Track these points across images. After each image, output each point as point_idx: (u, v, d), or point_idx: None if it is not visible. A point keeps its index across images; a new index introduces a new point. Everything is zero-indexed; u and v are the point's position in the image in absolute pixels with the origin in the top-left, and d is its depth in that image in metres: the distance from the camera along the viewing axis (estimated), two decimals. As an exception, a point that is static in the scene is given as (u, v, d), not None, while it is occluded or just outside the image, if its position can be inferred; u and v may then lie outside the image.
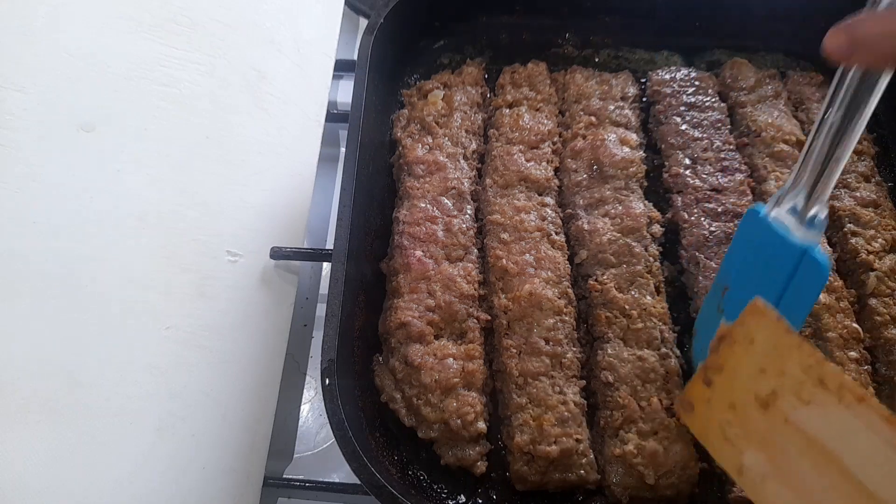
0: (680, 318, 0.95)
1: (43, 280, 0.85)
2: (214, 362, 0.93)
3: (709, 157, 1.04)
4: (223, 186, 1.03)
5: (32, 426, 0.79)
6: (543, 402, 0.85)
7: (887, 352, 0.88)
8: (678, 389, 0.86)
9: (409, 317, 0.89)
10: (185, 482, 0.86)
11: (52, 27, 0.95)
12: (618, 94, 1.12)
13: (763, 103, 1.10)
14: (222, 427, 0.91)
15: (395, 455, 0.86)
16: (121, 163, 0.95)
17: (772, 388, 0.55)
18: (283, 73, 1.15)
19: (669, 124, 1.09)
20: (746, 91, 1.12)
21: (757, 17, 1.19)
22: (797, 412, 0.54)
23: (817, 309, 0.89)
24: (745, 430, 0.59)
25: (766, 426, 0.56)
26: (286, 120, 1.13)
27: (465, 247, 0.97)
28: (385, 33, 1.04)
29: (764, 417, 0.56)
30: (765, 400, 0.56)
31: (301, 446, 1.03)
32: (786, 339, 0.54)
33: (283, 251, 1.02)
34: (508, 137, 1.08)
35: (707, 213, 0.99)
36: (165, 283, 0.92)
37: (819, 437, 0.52)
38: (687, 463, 0.81)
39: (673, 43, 1.21)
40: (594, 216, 0.99)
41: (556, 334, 0.89)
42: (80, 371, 0.83)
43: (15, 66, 0.91)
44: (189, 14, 1.08)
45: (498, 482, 0.86)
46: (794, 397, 0.53)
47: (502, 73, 1.17)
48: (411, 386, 0.86)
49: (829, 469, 0.52)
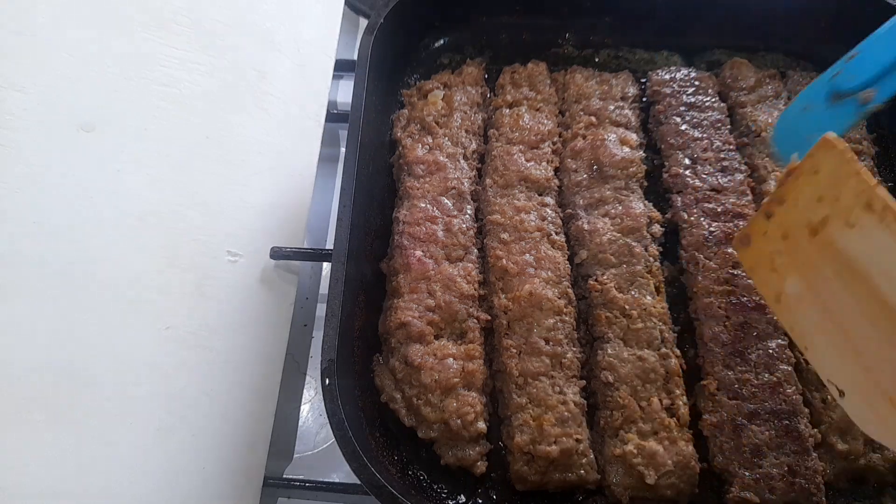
0: (680, 319, 0.95)
1: (43, 280, 0.85)
2: (214, 362, 0.93)
3: (709, 157, 1.04)
4: (223, 186, 1.03)
5: (33, 426, 0.79)
6: (543, 402, 0.85)
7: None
8: (678, 389, 0.86)
9: (409, 317, 0.89)
10: (185, 482, 0.86)
11: (52, 27, 0.95)
12: (618, 94, 1.12)
13: (763, 103, 1.10)
14: (222, 427, 0.91)
15: (395, 455, 0.86)
16: (121, 163, 0.95)
17: (824, 215, 0.62)
18: (283, 73, 1.15)
19: (669, 124, 1.09)
20: (746, 91, 1.12)
21: (757, 17, 1.19)
22: (842, 235, 0.60)
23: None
24: (792, 258, 0.66)
25: (811, 251, 0.64)
26: (286, 120, 1.13)
27: (465, 247, 0.97)
28: (385, 33, 1.04)
29: (811, 243, 0.64)
30: (815, 227, 0.63)
31: (301, 446, 1.03)
32: (847, 167, 0.61)
33: (283, 251, 1.02)
34: (508, 137, 1.08)
35: (707, 213, 0.99)
36: (165, 283, 0.92)
37: (857, 257, 0.59)
38: (687, 463, 0.81)
39: (673, 43, 1.21)
40: (594, 216, 0.99)
41: (556, 334, 0.89)
42: (80, 371, 0.83)
43: (15, 66, 0.91)
44: (189, 14, 1.08)
45: (498, 482, 0.86)
46: (842, 221, 0.60)
47: (502, 73, 1.17)
48: (411, 386, 0.86)
49: (859, 288, 0.59)
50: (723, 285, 0.93)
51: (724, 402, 0.85)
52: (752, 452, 0.82)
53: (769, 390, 0.85)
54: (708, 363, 0.89)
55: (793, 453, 0.82)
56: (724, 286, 0.93)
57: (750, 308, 0.91)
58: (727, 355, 0.88)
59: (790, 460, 0.81)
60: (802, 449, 0.82)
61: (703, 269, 0.95)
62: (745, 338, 0.89)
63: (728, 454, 0.83)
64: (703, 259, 0.95)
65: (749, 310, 0.91)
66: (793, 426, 0.83)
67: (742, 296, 0.92)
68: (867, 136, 1.09)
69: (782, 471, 0.81)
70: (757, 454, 0.82)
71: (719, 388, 0.86)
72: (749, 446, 0.82)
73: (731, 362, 0.88)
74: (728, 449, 0.83)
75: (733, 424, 0.84)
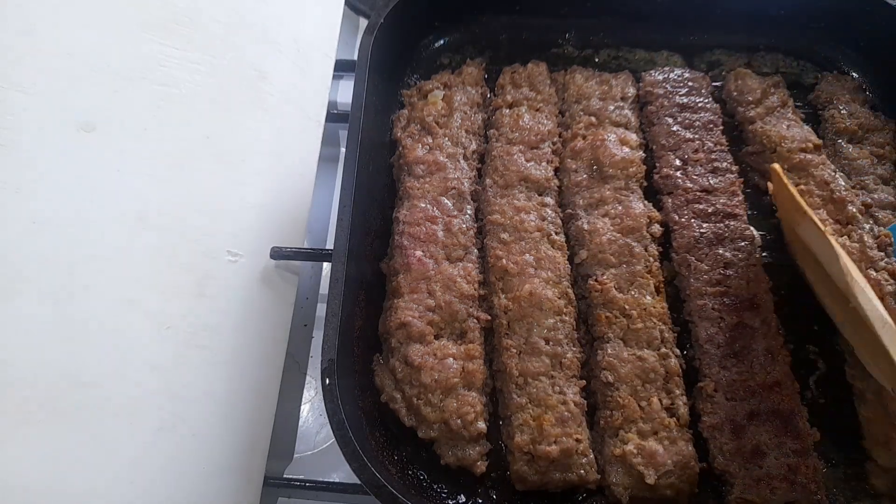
0: (680, 319, 0.95)
1: (43, 280, 0.85)
2: (214, 362, 0.93)
3: (700, 159, 1.04)
4: (223, 186, 1.03)
5: (32, 426, 0.79)
6: (543, 402, 0.85)
7: None
8: (678, 389, 0.86)
9: (409, 317, 0.89)
10: (186, 482, 0.86)
11: (52, 27, 0.95)
12: (618, 95, 1.12)
13: (771, 115, 1.09)
14: (222, 427, 0.91)
15: (395, 455, 0.86)
16: (121, 163, 0.95)
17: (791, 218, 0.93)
18: (283, 73, 1.15)
19: (661, 125, 1.08)
20: (753, 104, 1.11)
21: (757, 17, 1.19)
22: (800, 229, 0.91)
23: None
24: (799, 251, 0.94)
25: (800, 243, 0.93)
26: (286, 120, 1.13)
27: (465, 247, 0.97)
28: (385, 33, 1.04)
29: (797, 237, 0.93)
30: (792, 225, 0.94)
31: (301, 446, 1.03)
32: (786, 189, 0.91)
33: (284, 251, 1.02)
34: (508, 137, 1.08)
35: (697, 214, 0.99)
36: (165, 283, 0.92)
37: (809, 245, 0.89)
38: (687, 463, 0.81)
39: (673, 43, 1.21)
40: (594, 216, 0.99)
41: (556, 334, 0.89)
42: (80, 371, 0.83)
43: (15, 66, 0.91)
44: (189, 14, 1.08)
45: (498, 482, 0.86)
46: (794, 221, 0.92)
47: (502, 74, 1.17)
48: (411, 386, 0.86)
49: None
50: (716, 286, 0.93)
51: (722, 403, 0.85)
52: (752, 453, 0.82)
53: (767, 390, 0.85)
54: (705, 365, 0.89)
55: (793, 453, 0.82)
56: (717, 287, 0.93)
57: (744, 308, 0.91)
58: (723, 356, 0.88)
59: (790, 460, 0.81)
60: (802, 448, 0.82)
61: (694, 270, 0.95)
62: (741, 338, 0.89)
63: (728, 455, 0.83)
64: (694, 261, 0.95)
65: (743, 310, 0.91)
66: (792, 425, 0.83)
67: (735, 296, 0.92)
68: (889, 141, 1.07)
69: (783, 471, 0.81)
70: (757, 454, 0.82)
71: (717, 389, 0.86)
72: (749, 447, 0.82)
73: (728, 363, 0.88)
74: (728, 450, 0.83)
75: (732, 425, 0.84)
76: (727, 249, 0.95)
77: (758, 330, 0.89)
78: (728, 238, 0.97)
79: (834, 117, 1.10)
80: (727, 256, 0.95)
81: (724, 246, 0.96)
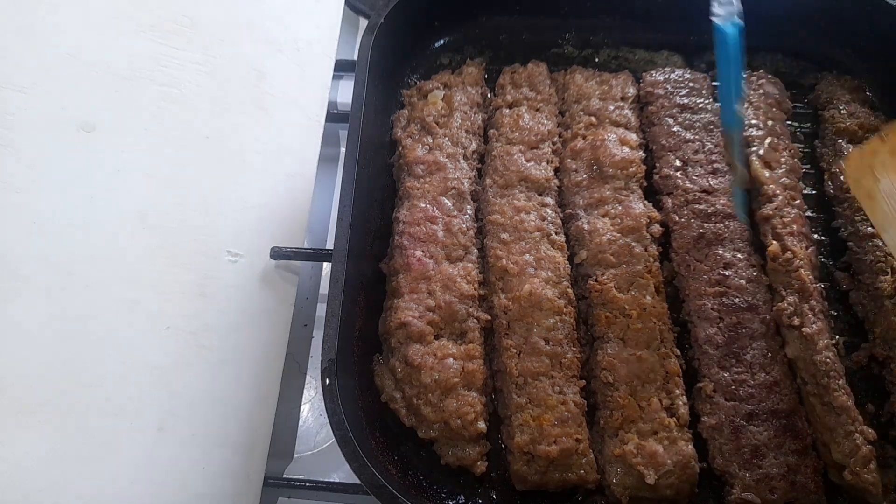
0: (679, 319, 0.95)
1: (43, 280, 0.85)
2: (214, 362, 0.93)
3: (700, 159, 1.04)
4: (223, 186, 1.03)
5: (33, 426, 0.79)
6: (543, 402, 0.85)
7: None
8: (678, 389, 0.86)
9: (409, 317, 0.89)
10: (186, 482, 0.86)
11: (52, 27, 0.95)
12: (618, 95, 1.12)
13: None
14: (222, 427, 0.91)
15: (395, 455, 0.86)
16: (121, 163, 0.95)
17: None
18: (283, 73, 1.15)
19: (661, 126, 1.08)
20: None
21: (757, 17, 1.19)
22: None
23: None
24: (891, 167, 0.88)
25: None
26: (286, 120, 1.13)
27: (465, 247, 0.97)
28: (385, 33, 1.04)
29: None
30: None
31: (301, 446, 1.03)
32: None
33: (284, 251, 1.02)
34: (508, 137, 1.08)
35: (697, 214, 0.99)
36: (165, 283, 0.92)
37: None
38: (687, 463, 0.81)
39: (673, 43, 1.21)
40: (594, 216, 0.99)
41: (556, 334, 0.89)
42: (80, 371, 0.83)
43: (15, 66, 0.91)
44: (189, 14, 1.08)
45: (498, 482, 0.86)
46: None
47: (502, 74, 1.17)
48: (411, 386, 0.86)
49: None
50: (714, 286, 0.93)
51: (721, 403, 0.85)
52: (751, 453, 0.82)
53: (766, 390, 0.85)
54: (703, 365, 0.89)
55: (792, 453, 0.82)
56: (716, 287, 0.93)
57: (743, 308, 0.91)
58: (722, 357, 0.88)
59: (790, 460, 0.81)
60: (802, 448, 0.82)
61: (693, 270, 0.95)
62: (740, 338, 0.89)
63: (728, 456, 0.83)
64: (693, 261, 0.95)
65: (742, 310, 0.91)
66: (791, 425, 0.83)
67: (734, 296, 0.92)
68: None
69: (783, 470, 0.81)
70: (757, 455, 0.82)
71: (716, 389, 0.86)
72: (748, 447, 0.82)
73: (727, 363, 0.88)
74: (728, 450, 0.83)
75: (732, 426, 0.84)
76: (727, 250, 0.95)
77: (756, 330, 0.89)
78: (728, 238, 0.96)
79: (834, 117, 1.10)
80: (727, 257, 0.95)
81: (724, 246, 0.96)
